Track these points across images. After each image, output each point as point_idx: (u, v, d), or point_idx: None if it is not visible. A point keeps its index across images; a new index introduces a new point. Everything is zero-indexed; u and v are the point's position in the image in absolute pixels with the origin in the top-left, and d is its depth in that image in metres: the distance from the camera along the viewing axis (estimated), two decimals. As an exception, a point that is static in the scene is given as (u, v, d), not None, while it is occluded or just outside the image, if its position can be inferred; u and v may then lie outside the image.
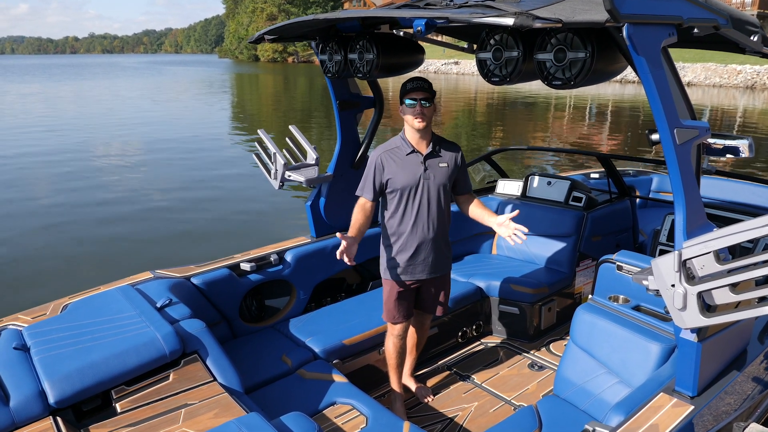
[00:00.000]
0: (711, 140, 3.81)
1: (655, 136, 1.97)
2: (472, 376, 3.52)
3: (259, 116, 22.50)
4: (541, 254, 4.33)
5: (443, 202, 2.82)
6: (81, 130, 17.88)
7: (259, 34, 2.88)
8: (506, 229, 2.70)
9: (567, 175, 5.02)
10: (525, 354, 3.79)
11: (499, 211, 4.58)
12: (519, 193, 4.66)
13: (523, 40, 2.05)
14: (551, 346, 3.89)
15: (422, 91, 2.62)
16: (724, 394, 2.12)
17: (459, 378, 3.50)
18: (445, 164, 2.79)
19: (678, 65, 34.82)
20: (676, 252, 1.82)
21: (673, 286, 1.83)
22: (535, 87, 29.97)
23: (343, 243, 2.59)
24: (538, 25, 1.61)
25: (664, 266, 1.84)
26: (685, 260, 1.82)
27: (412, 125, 2.69)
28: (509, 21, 1.62)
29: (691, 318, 1.83)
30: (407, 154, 2.75)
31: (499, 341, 3.96)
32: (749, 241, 3.42)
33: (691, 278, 1.84)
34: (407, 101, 2.64)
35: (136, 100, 29.27)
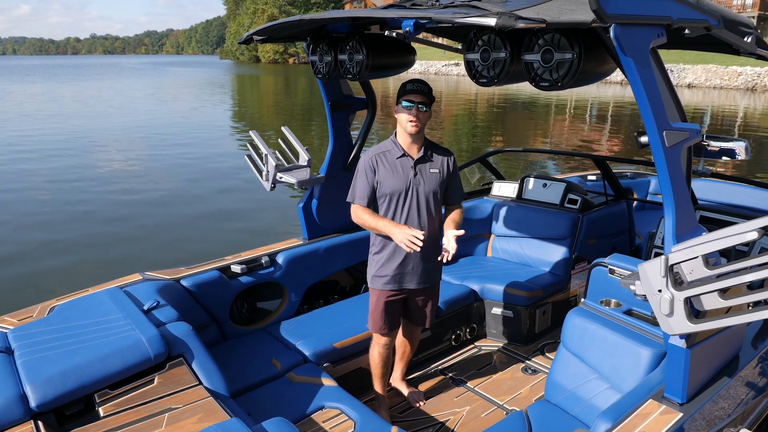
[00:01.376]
0: (709, 142, 3.78)
1: (643, 139, 1.94)
2: (465, 380, 3.49)
3: (260, 117, 22.51)
4: (536, 257, 4.30)
5: (434, 209, 2.72)
6: (86, 129, 17.91)
7: (248, 35, 2.85)
8: (446, 243, 2.56)
9: (563, 177, 5.00)
10: (519, 358, 3.76)
11: (494, 213, 4.56)
12: (514, 195, 4.63)
13: (510, 41, 2.03)
14: (545, 349, 3.86)
15: (421, 94, 2.54)
16: (715, 401, 2.08)
17: (451, 382, 3.47)
18: (437, 170, 2.70)
19: (678, 67, 34.95)
20: (663, 257, 1.79)
21: (659, 291, 1.80)
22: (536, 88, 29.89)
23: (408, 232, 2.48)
24: (521, 25, 1.58)
25: (651, 271, 1.81)
26: (671, 265, 1.79)
27: (405, 128, 2.60)
28: (491, 21, 1.59)
29: (678, 324, 1.79)
30: (398, 158, 2.67)
31: (493, 344, 3.93)
32: (744, 244, 3.40)
33: (678, 283, 1.81)
34: (404, 102, 2.55)
35: (142, 100, 29.33)
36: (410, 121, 2.56)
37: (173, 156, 13.74)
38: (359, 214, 2.71)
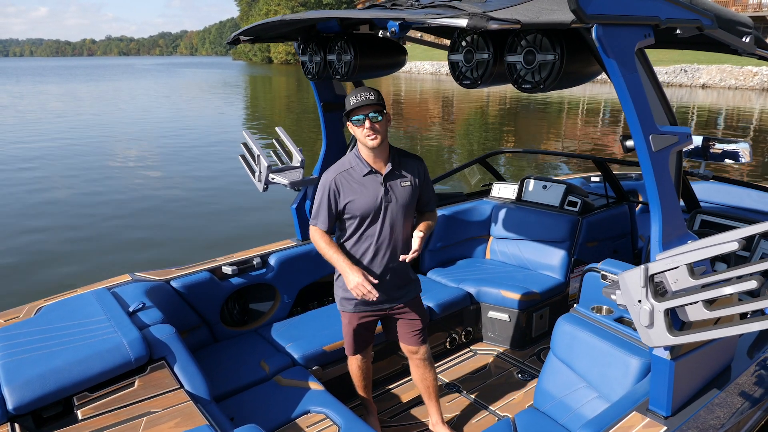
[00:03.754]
0: (714, 144, 3.68)
1: (629, 143, 1.88)
2: (458, 385, 3.45)
3: (272, 117, 22.57)
4: (534, 260, 4.24)
5: (406, 224, 2.53)
6: (99, 127, 18.11)
7: (234, 35, 2.83)
8: (414, 242, 2.42)
9: (563, 179, 4.93)
10: (514, 362, 3.70)
11: (493, 214, 4.50)
12: (514, 197, 4.58)
13: (493, 42, 1.98)
14: (542, 354, 3.80)
15: (369, 104, 2.30)
16: (703, 414, 2.01)
17: (445, 386, 3.43)
18: (408, 183, 2.48)
19: (693, 67, 34.32)
20: (642, 266, 1.73)
21: (639, 301, 1.74)
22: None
23: (364, 281, 2.37)
24: (494, 26, 1.53)
25: (631, 281, 1.75)
26: (652, 275, 1.72)
27: (365, 144, 2.37)
28: (462, 22, 1.54)
29: (658, 336, 1.73)
30: (364, 175, 2.44)
31: (489, 349, 3.88)
32: (746, 249, 3.31)
33: (661, 294, 1.75)
34: (354, 118, 2.33)
35: (157, 101, 29.61)
36: (368, 136, 2.34)
37: (184, 154, 13.84)
38: (317, 239, 2.52)
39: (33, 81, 52.63)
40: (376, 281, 2.45)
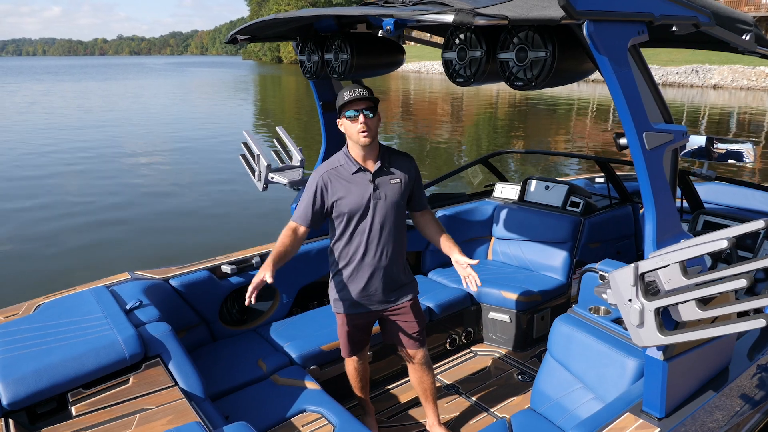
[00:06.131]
0: (717, 144, 3.64)
1: (623, 141, 1.86)
2: (458, 386, 3.43)
3: (282, 116, 22.66)
4: (536, 261, 4.21)
5: (397, 222, 2.51)
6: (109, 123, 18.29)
7: (231, 34, 2.83)
8: (462, 270, 2.36)
9: (566, 180, 4.89)
10: (515, 364, 3.68)
11: (495, 215, 4.48)
12: (516, 197, 4.55)
13: (486, 40, 1.96)
14: (543, 355, 3.76)
15: (363, 99, 2.29)
16: (698, 415, 1.99)
17: (444, 387, 3.42)
18: (398, 180, 2.48)
19: (704, 67, 33.91)
20: (632, 265, 1.70)
21: (629, 301, 1.72)
22: (558, 89, 29.51)
23: (261, 278, 2.27)
24: (481, 22, 1.51)
25: (621, 279, 1.73)
26: (642, 273, 1.70)
27: (357, 141, 2.36)
28: (449, 18, 1.53)
29: (648, 336, 1.71)
30: (353, 173, 2.43)
31: (490, 350, 3.86)
32: (748, 249, 3.26)
33: (653, 293, 1.72)
34: (348, 113, 2.31)
35: (166, 99, 29.85)
36: (361, 132, 2.32)
37: (192, 153, 13.93)
38: (288, 236, 2.44)
39: (52, 80, 53.21)
40: (269, 280, 2.29)
